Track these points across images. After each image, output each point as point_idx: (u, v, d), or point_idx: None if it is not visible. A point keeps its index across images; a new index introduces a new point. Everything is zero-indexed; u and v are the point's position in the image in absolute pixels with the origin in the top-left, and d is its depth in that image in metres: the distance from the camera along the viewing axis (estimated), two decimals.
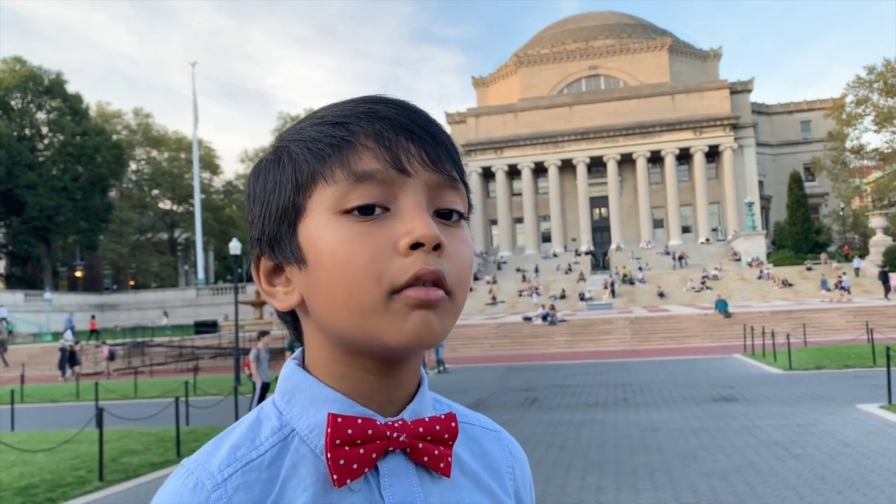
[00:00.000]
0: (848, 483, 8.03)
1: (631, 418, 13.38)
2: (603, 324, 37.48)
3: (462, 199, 0.84)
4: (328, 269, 0.77)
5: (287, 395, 0.83)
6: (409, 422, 0.81)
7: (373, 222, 0.77)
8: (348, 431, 0.77)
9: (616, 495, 8.04)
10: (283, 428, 0.81)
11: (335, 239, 0.77)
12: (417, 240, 0.75)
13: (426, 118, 0.83)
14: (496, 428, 0.98)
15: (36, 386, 28.59)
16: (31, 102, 68.81)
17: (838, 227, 73.65)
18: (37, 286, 67.99)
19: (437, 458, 0.82)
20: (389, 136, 0.78)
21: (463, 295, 0.81)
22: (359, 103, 0.82)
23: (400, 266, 0.75)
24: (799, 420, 12.25)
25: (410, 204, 0.78)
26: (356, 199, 0.77)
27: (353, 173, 0.77)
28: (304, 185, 0.80)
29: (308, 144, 0.80)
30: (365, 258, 0.75)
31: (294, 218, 0.81)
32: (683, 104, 76.68)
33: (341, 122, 0.80)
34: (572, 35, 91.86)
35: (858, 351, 22.97)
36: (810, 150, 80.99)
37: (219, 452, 0.79)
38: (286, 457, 0.79)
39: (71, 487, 9.86)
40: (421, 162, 0.79)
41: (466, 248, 0.82)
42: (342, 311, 0.77)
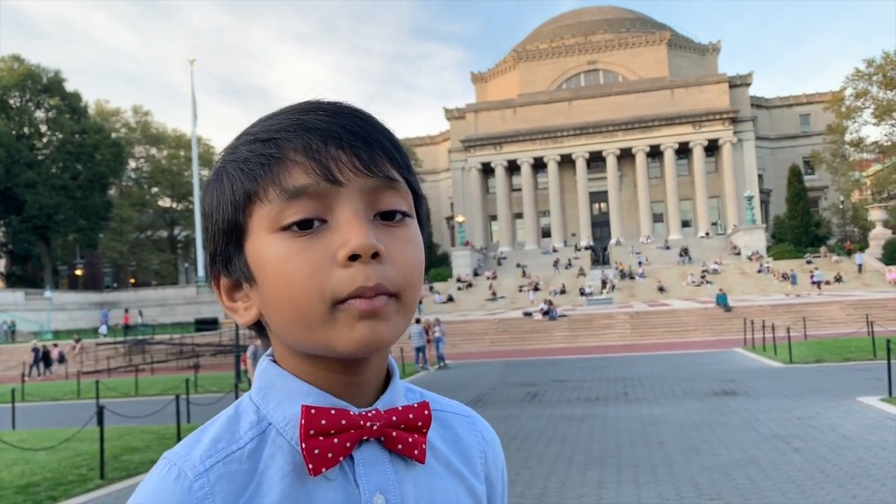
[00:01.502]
0: (849, 476, 8.03)
1: (632, 413, 13.38)
2: (603, 318, 37.47)
3: (405, 198, 0.84)
4: (273, 287, 0.79)
5: (263, 391, 0.86)
6: (382, 411, 0.84)
7: (311, 236, 0.78)
8: (322, 422, 0.79)
9: (617, 490, 8.04)
10: (260, 422, 0.83)
11: (276, 256, 0.78)
12: (353, 251, 0.76)
13: (359, 121, 0.82)
14: (468, 413, 0.99)
15: (37, 384, 28.61)
16: (30, 101, 68.69)
17: (838, 221, 73.62)
18: (37, 285, 67.96)
19: (410, 445, 0.84)
20: (318, 147, 0.79)
21: (411, 293, 0.82)
22: (289, 114, 0.82)
23: (340, 279, 0.76)
24: (799, 413, 12.25)
25: (345, 214, 0.78)
26: (291, 216, 0.78)
27: (285, 191, 0.78)
28: (242, 205, 0.81)
29: (241, 165, 0.82)
30: (305, 273, 0.77)
31: (239, 237, 0.83)
32: (682, 98, 76.57)
33: (270, 138, 0.80)
34: (571, 30, 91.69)
35: (859, 344, 22.98)
36: (810, 143, 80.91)
37: (199, 445, 0.81)
38: (264, 449, 0.81)
39: (72, 485, 9.86)
40: (353, 169, 0.79)
41: (411, 248, 0.83)
42: (292, 325, 0.80)
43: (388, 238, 0.80)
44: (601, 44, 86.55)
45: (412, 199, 0.87)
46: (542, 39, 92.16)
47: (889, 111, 64.12)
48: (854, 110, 66.71)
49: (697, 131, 75.50)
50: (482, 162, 79.24)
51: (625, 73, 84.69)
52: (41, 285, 66.97)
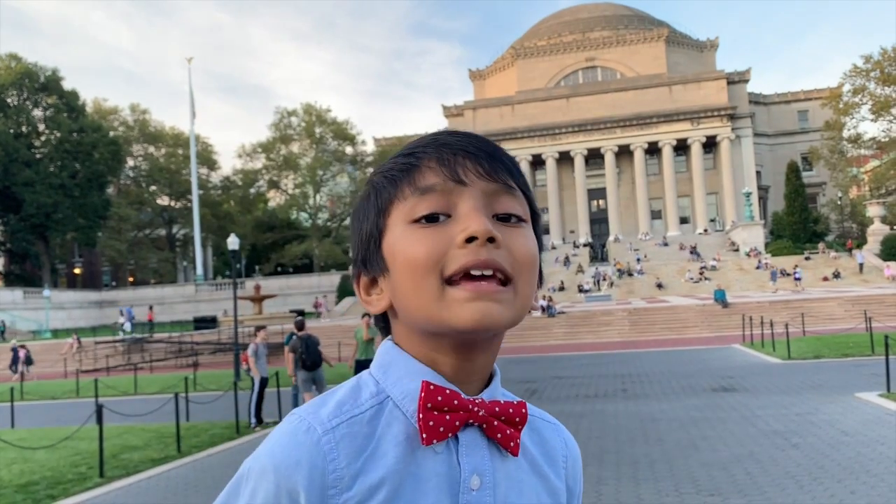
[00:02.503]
0: (847, 471, 8.04)
1: (630, 409, 13.39)
2: (602, 315, 37.51)
3: (521, 205, 0.95)
4: (400, 268, 0.91)
5: (383, 368, 0.96)
6: (487, 401, 0.92)
7: (436, 226, 0.89)
8: (438, 398, 0.89)
9: (616, 486, 8.05)
10: (379, 394, 0.93)
11: (406, 243, 0.90)
12: (471, 234, 0.87)
13: (485, 142, 0.96)
14: (554, 421, 1.08)
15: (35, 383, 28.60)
16: (28, 99, 68.56)
17: (836, 217, 73.69)
18: (35, 283, 67.91)
19: (508, 437, 0.92)
20: (448, 156, 0.92)
21: (525, 285, 0.91)
22: (429, 136, 0.97)
23: (453, 256, 0.87)
24: (798, 409, 12.26)
25: (467, 207, 0.90)
26: (422, 209, 0.90)
27: (417, 188, 0.91)
28: (384, 208, 0.94)
29: (385, 174, 0.96)
30: (425, 252, 0.88)
31: (378, 237, 0.95)
32: (681, 95, 76.58)
33: (411, 151, 0.95)
34: (569, 27, 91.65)
35: (857, 340, 23.00)
36: (808, 139, 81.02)
37: (326, 406, 0.91)
38: (382, 417, 0.91)
39: (71, 484, 9.86)
40: (476, 173, 0.91)
41: (526, 242, 0.92)
42: (412, 302, 0.90)
43: (505, 231, 0.91)
44: (599, 41, 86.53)
45: (528, 211, 0.97)
46: (540, 36, 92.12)
47: (887, 107, 64.16)
48: (852, 106, 66.76)
49: (696, 128, 75.53)
50: None
51: (623, 70, 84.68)
52: (40, 284, 66.91)
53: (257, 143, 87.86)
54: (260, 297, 46.58)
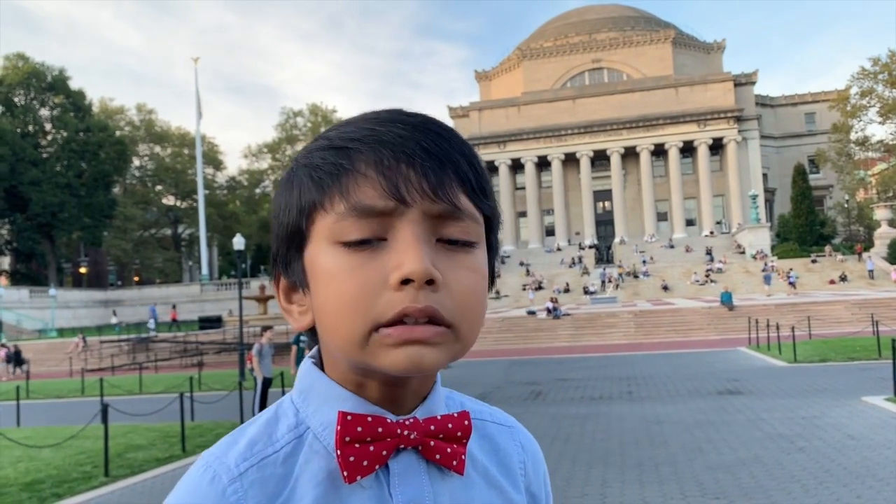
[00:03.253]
0: (853, 476, 8.01)
1: (636, 412, 13.37)
2: (607, 317, 37.44)
3: (471, 228, 0.80)
4: (322, 299, 0.79)
5: (303, 394, 0.85)
6: (421, 420, 0.82)
7: (367, 253, 0.76)
8: (358, 429, 0.78)
9: (621, 489, 8.03)
10: (298, 425, 0.82)
11: (329, 270, 0.77)
12: (406, 276, 0.74)
13: (437, 139, 0.80)
14: (510, 423, 0.98)
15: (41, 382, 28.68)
16: (35, 99, 68.85)
17: (843, 220, 73.47)
18: (41, 282, 68.12)
19: (449, 455, 0.82)
20: (389, 163, 0.76)
21: (468, 326, 0.79)
22: (367, 123, 0.81)
23: (388, 301, 0.74)
24: (804, 413, 12.22)
25: (405, 234, 0.76)
26: (353, 232, 0.76)
27: (350, 205, 0.76)
28: (307, 211, 0.80)
29: (311, 171, 0.81)
30: (353, 293, 0.75)
31: (300, 242, 0.82)
32: (687, 97, 76.45)
33: (344, 147, 0.79)
34: (575, 28, 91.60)
35: (864, 343, 22.91)
36: (815, 142, 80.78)
37: (236, 446, 0.81)
38: (300, 453, 0.80)
39: (77, 483, 9.88)
40: (420, 191, 0.76)
41: (470, 277, 0.79)
42: (334, 340, 0.79)
43: (448, 264, 0.78)
44: (606, 42, 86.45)
45: (483, 225, 0.83)
46: (547, 37, 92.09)
47: (895, 110, 63.91)
48: (859, 109, 66.54)
49: (702, 130, 75.39)
50: (486, 160, 79.16)
51: (629, 71, 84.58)
52: (45, 283, 67.12)
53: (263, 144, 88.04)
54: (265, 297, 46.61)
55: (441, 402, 0.88)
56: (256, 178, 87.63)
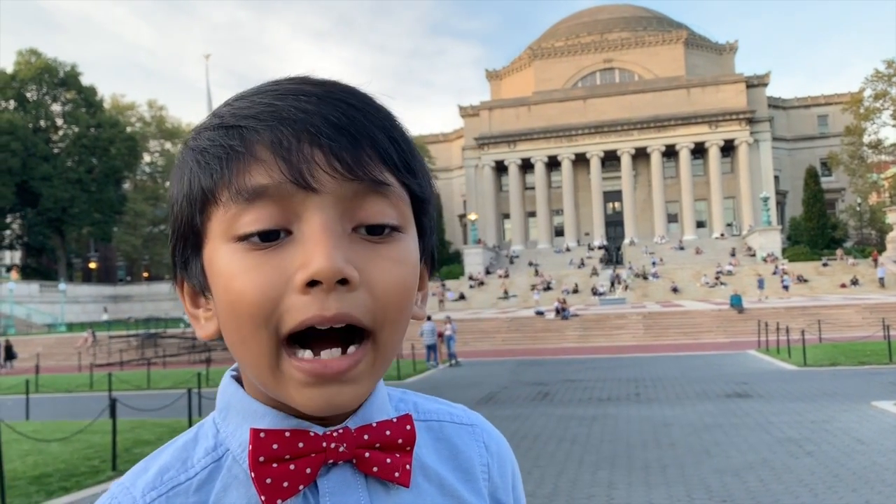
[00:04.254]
0: (863, 480, 7.95)
1: (643, 414, 13.32)
2: (616, 318, 37.34)
3: (397, 207, 0.69)
4: (223, 307, 0.68)
5: (223, 412, 0.75)
6: (352, 430, 0.71)
7: (269, 250, 0.65)
8: (273, 446, 0.68)
9: (627, 490, 8.00)
10: (217, 447, 0.73)
11: (227, 272, 0.66)
12: (312, 276, 0.62)
13: (349, 110, 0.68)
14: (471, 421, 0.87)
15: (50, 376, 28.82)
16: (47, 94, 69.29)
17: (855, 223, 73.01)
18: (51, 277, 68.56)
19: (389, 466, 0.72)
20: (288, 143, 0.65)
21: (392, 331, 0.68)
22: (265, 96, 0.68)
23: (291, 307, 0.63)
24: (813, 417, 12.15)
25: (313, 225, 0.64)
26: (249, 224, 0.65)
27: (242, 191, 0.65)
28: (198, 204, 0.69)
29: (198, 156, 0.69)
30: (252, 296, 0.64)
31: (195, 240, 0.71)
32: (699, 98, 76.14)
33: (236, 125, 0.67)
34: (587, 28, 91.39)
35: (874, 348, 22.76)
36: (827, 144, 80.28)
37: (146, 474, 0.73)
38: (217, 479, 0.71)
39: (84, 477, 9.92)
40: (331, 170, 0.65)
41: (397, 270, 0.68)
42: (242, 358, 0.69)
43: (369, 256, 0.66)
44: (617, 42, 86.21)
45: (410, 206, 0.72)
46: (558, 37, 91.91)
47: None
48: (873, 112, 66.13)
49: (713, 131, 75.06)
50: (496, 160, 79.11)
51: (641, 71, 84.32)
52: (55, 278, 67.55)
53: None
54: None
55: (381, 406, 0.77)
56: None
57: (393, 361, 0.66)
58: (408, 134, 0.73)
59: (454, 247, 78.78)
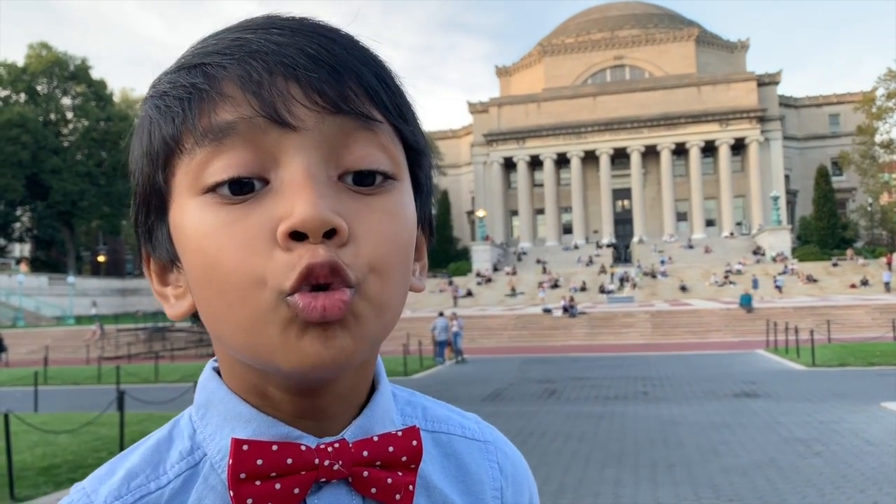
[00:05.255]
0: (871, 481, 7.91)
1: (651, 412, 13.29)
2: (624, 317, 37.26)
3: (388, 151, 0.59)
4: (198, 273, 0.57)
5: (202, 410, 0.64)
6: (350, 443, 0.61)
7: (245, 204, 0.55)
8: (258, 462, 0.57)
9: (634, 489, 7.98)
10: (194, 451, 0.63)
11: (198, 230, 0.56)
12: (294, 226, 0.53)
13: (327, 42, 0.58)
14: (486, 437, 0.76)
15: (59, 368, 28.96)
16: (57, 88, 69.55)
17: (865, 223, 72.60)
18: (60, 270, 68.90)
19: (390, 487, 0.61)
20: (259, 77, 0.55)
21: (389, 290, 0.58)
22: (233, 31, 0.60)
23: (283, 264, 0.53)
24: (822, 417, 12.09)
25: (293, 170, 0.55)
26: (219, 171, 0.55)
27: (207, 131, 0.55)
28: (161, 157, 0.60)
29: (157, 101, 0.60)
30: (234, 256, 0.54)
31: (159, 202, 0.62)
32: (709, 96, 75.83)
33: (200, 63, 0.58)
34: (597, 24, 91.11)
35: (884, 348, 22.64)
36: (838, 144, 79.85)
37: (111, 479, 0.62)
38: (193, 488, 0.61)
39: (92, 468, 9.70)
40: (310, 103, 0.55)
41: (391, 223, 0.58)
42: (224, 325, 0.57)
43: (357, 208, 0.57)
44: (628, 39, 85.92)
45: (405, 155, 0.63)
46: (569, 34, 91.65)
47: None
48: (885, 111, 65.72)
49: (724, 129, 74.75)
50: (504, 156, 79.02)
51: (651, 69, 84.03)
52: (64, 270, 67.88)
53: None
54: None
55: (386, 413, 0.67)
56: None
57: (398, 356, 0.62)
58: (398, 78, 0.64)
59: (462, 243, 78.75)
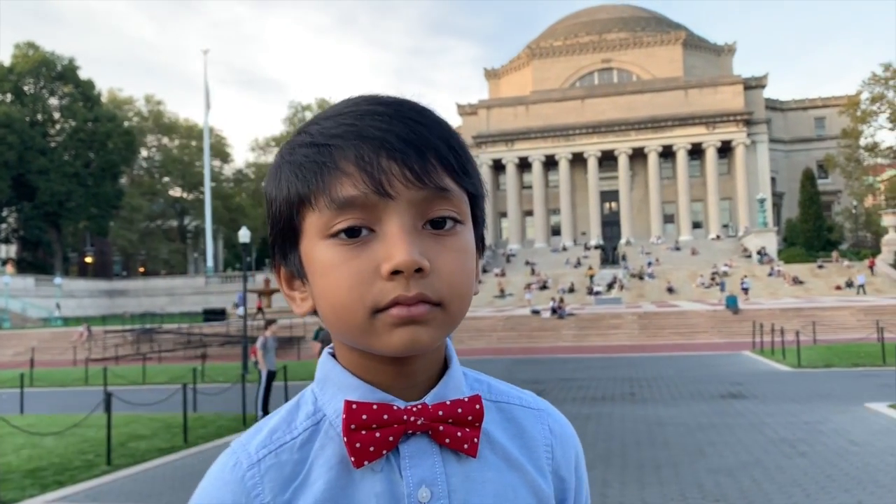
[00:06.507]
0: (855, 481, 7.99)
1: (638, 413, 13.36)
2: (611, 318, 37.39)
3: (457, 206, 0.84)
4: (320, 291, 0.83)
5: (321, 383, 0.91)
6: (430, 405, 0.86)
7: (358, 245, 0.80)
8: (363, 417, 0.82)
9: (621, 489, 8.03)
10: (316, 413, 0.88)
11: (324, 263, 0.82)
12: (396, 266, 0.78)
13: (415, 126, 0.82)
14: (539, 406, 0.99)
15: (45, 370, 28.79)
16: (44, 88, 69.10)
17: (850, 226, 73.21)
18: (47, 271, 68.38)
19: (460, 439, 0.85)
20: (370, 158, 0.80)
21: (458, 304, 0.83)
22: (346, 117, 0.83)
23: (381, 290, 0.79)
24: (807, 418, 12.19)
25: (392, 226, 0.80)
26: (340, 224, 0.80)
27: (334, 201, 0.80)
28: (296, 207, 0.84)
29: (295, 169, 0.84)
30: (349, 283, 0.80)
31: (293, 237, 0.86)
32: (696, 99, 76.25)
33: (325, 143, 0.82)
34: (585, 28, 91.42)
35: (868, 350, 22.84)
36: (824, 147, 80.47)
37: (259, 434, 0.87)
38: (317, 439, 0.86)
39: (79, 471, 9.92)
40: (403, 181, 0.80)
41: (458, 258, 0.83)
42: (337, 327, 0.84)
43: (437, 248, 0.82)
44: (616, 42, 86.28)
45: (468, 203, 0.87)
46: (557, 37, 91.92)
47: None
48: (870, 115, 66.31)
49: (711, 132, 75.17)
50: (493, 159, 79.14)
51: (639, 72, 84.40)
52: (51, 272, 67.39)
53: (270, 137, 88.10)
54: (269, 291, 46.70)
55: (457, 386, 0.91)
56: (263, 171, 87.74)
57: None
58: (462, 140, 0.88)
59: None
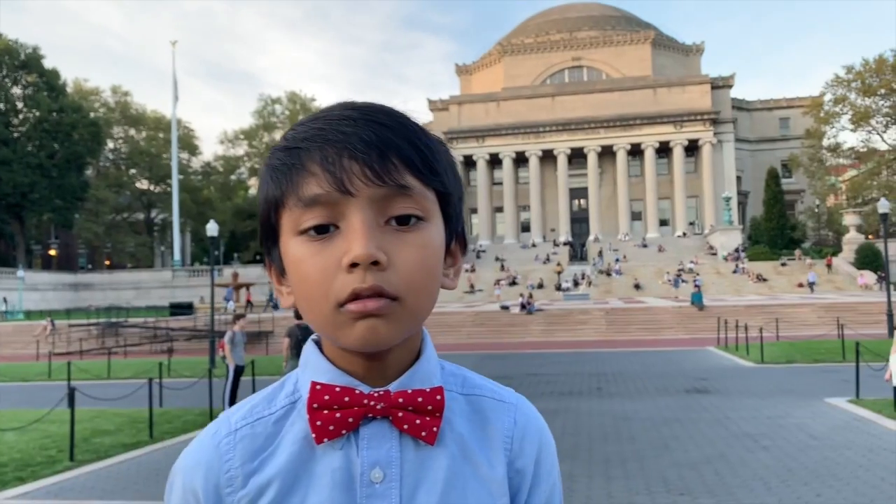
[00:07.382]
0: (814, 475, 8.17)
1: (604, 408, 13.49)
2: (579, 314, 37.69)
3: (420, 203, 0.89)
4: (295, 284, 0.91)
5: (302, 366, 0.97)
6: (392, 392, 0.91)
7: (324, 241, 0.87)
8: (325, 397, 0.89)
9: (588, 483, 8.12)
10: (294, 393, 0.95)
11: (295, 258, 0.89)
12: (353, 259, 0.84)
13: (381, 129, 0.88)
14: (511, 399, 1.03)
15: (7, 365, 28.26)
16: (7, 77, 67.59)
17: (813, 224, 74.53)
18: (9, 264, 67.04)
19: (418, 426, 0.90)
20: (333, 158, 0.86)
21: (416, 299, 0.88)
22: (318, 122, 0.90)
23: (342, 282, 0.85)
24: (769, 413, 12.42)
25: (354, 222, 0.86)
26: (307, 221, 0.87)
27: (301, 199, 0.87)
28: (273, 207, 0.92)
29: (271, 172, 0.92)
30: (315, 278, 0.86)
31: (273, 235, 0.94)
32: (665, 98, 77.01)
33: (295, 147, 0.89)
34: (556, 25, 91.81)
35: (829, 346, 23.31)
36: (788, 146, 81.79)
37: (243, 409, 0.96)
38: (291, 416, 0.93)
39: (41, 467, 9.78)
40: (364, 179, 0.85)
41: (418, 253, 0.88)
42: (308, 318, 0.91)
43: (397, 244, 0.87)
44: (586, 41, 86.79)
45: (436, 200, 0.92)
46: (528, 34, 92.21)
47: (866, 118, 64.92)
48: (832, 116, 67.47)
49: (678, 131, 76.01)
50: (464, 154, 79.17)
51: (609, 70, 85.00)
52: (14, 264, 66.07)
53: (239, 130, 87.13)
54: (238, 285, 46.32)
55: (426, 377, 0.95)
56: (232, 164, 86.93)
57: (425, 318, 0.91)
58: (431, 141, 0.93)
59: None
